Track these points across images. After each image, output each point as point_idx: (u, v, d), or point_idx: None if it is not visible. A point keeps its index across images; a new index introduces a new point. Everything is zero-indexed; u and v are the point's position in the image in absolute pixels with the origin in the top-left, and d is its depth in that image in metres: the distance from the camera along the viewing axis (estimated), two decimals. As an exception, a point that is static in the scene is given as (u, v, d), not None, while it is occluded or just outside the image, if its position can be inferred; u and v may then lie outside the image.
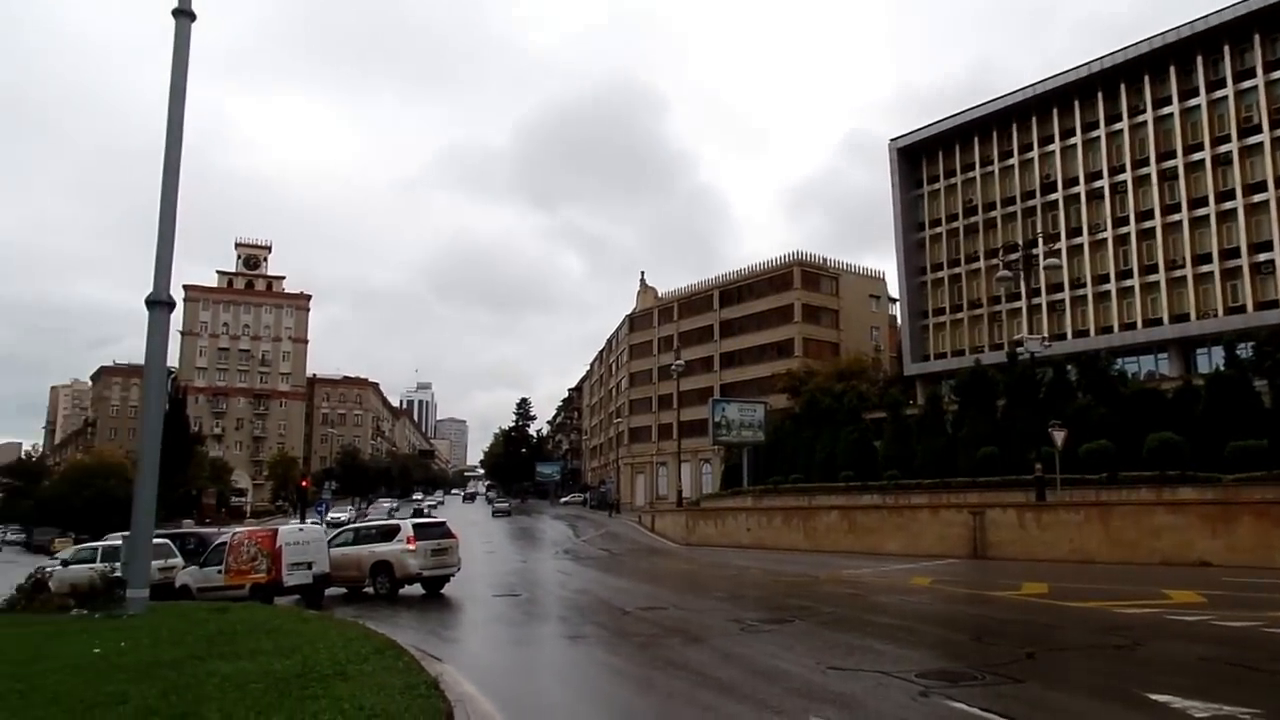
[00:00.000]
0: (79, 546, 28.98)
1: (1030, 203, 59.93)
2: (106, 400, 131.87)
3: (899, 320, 71.54)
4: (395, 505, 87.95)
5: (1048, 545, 24.48)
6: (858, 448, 43.64)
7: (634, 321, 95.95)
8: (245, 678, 8.59)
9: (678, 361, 62.95)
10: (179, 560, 23.82)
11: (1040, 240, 55.44)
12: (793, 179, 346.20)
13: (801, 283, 75.89)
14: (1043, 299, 57.09)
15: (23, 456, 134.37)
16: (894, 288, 74.17)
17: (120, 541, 22.31)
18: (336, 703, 7.43)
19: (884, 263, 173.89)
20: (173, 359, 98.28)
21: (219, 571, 20.44)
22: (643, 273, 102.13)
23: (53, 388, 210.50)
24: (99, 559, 23.21)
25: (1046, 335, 49.21)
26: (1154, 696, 7.71)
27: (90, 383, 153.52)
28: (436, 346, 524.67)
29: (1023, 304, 58.13)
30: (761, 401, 55.75)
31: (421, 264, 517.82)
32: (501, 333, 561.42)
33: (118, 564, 19.38)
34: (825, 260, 79.35)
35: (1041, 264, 32.88)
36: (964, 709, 7.55)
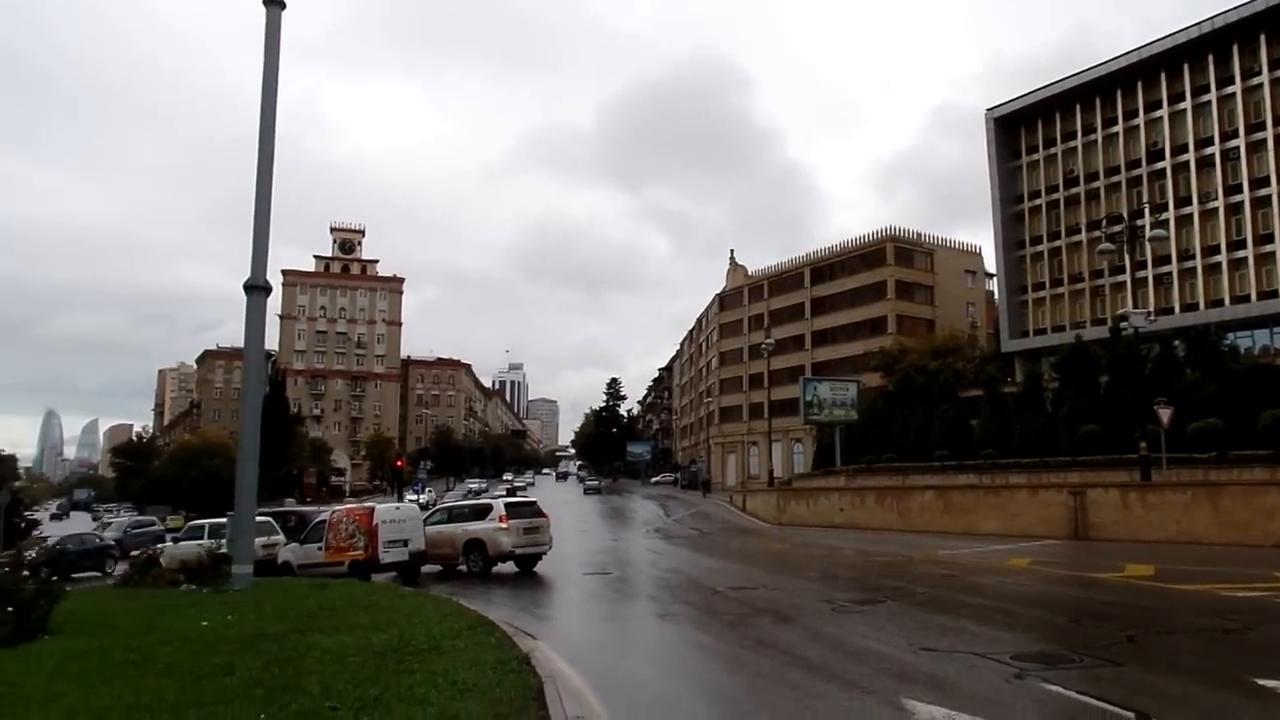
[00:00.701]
0: (191, 524, 30.51)
1: (1135, 172, 57.13)
2: (210, 383, 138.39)
3: (996, 296, 69.37)
4: (482, 486, 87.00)
5: (1153, 526, 23.48)
6: (953, 426, 42.60)
7: (724, 300, 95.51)
8: (344, 651, 8.93)
9: (768, 340, 62.38)
10: (281, 537, 24.87)
11: (1146, 210, 52.76)
12: (882, 154, 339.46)
13: (895, 259, 74.24)
14: (1148, 272, 54.47)
15: (134, 438, 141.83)
16: (991, 262, 72.01)
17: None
18: (431, 676, 7.67)
19: (979, 237, 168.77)
20: (272, 342, 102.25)
21: (319, 549, 21.26)
22: (732, 251, 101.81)
23: (160, 371, 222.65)
24: (205, 535, 24.51)
25: (1152, 310, 46.93)
26: (1262, 682, 7.35)
27: (195, 366, 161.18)
28: (526, 328, 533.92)
29: (1127, 277, 55.45)
30: (854, 380, 54.93)
31: (510, 246, 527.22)
32: (590, 313, 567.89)
33: (224, 541, 20.40)
34: (919, 235, 77.47)
35: (1147, 235, 31.25)
36: (1060, 692, 7.33)
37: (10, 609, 10.24)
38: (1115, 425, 32.68)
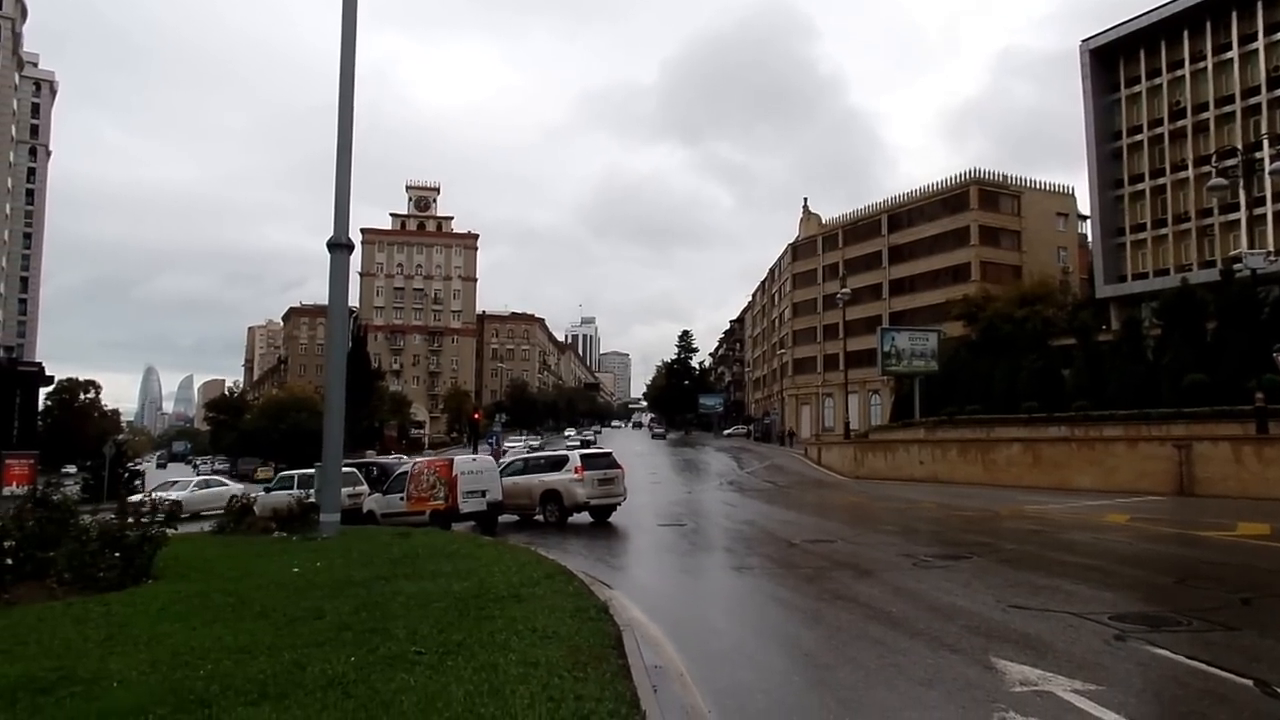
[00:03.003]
0: (281, 475, 31.82)
1: (1253, 100, 53.57)
2: (296, 339, 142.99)
3: (1090, 239, 66.67)
4: (534, 441, 77.63)
5: (1270, 482, 22.42)
6: (1042, 377, 41.28)
7: (797, 250, 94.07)
8: (428, 597, 9.19)
9: (843, 290, 61.28)
10: (365, 488, 25.74)
11: (1265, 142, 49.68)
12: (951, 101, 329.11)
13: (979, 202, 71.89)
14: (1267, 208, 51.41)
15: (226, 393, 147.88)
16: (1085, 204, 69.14)
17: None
18: (511, 623, 7.83)
19: (1068, 180, 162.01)
20: (353, 299, 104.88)
21: (401, 499, 21.94)
22: (805, 199, 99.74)
23: (249, 328, 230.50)
24: (295, 486, 25.51)
25: (1272, 249, 44.44)
26: (1395, 650, 6.96)
27: (281, 323, 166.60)
28: (597, 282, 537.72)
29: (1241, 215, 52.62)
30: (934, 330, 53.61)
31: (577, 202, 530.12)
32: (658, 267, 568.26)
33: (312, 491, 21.14)
34: (1005, 177, 74.70)
35: (1267, 168, 29.40)
36: (1167, 655, 7.06)
37: (117, 554, 10.82)
38: (1224, 375, 31.19)
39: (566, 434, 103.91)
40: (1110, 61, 61.70)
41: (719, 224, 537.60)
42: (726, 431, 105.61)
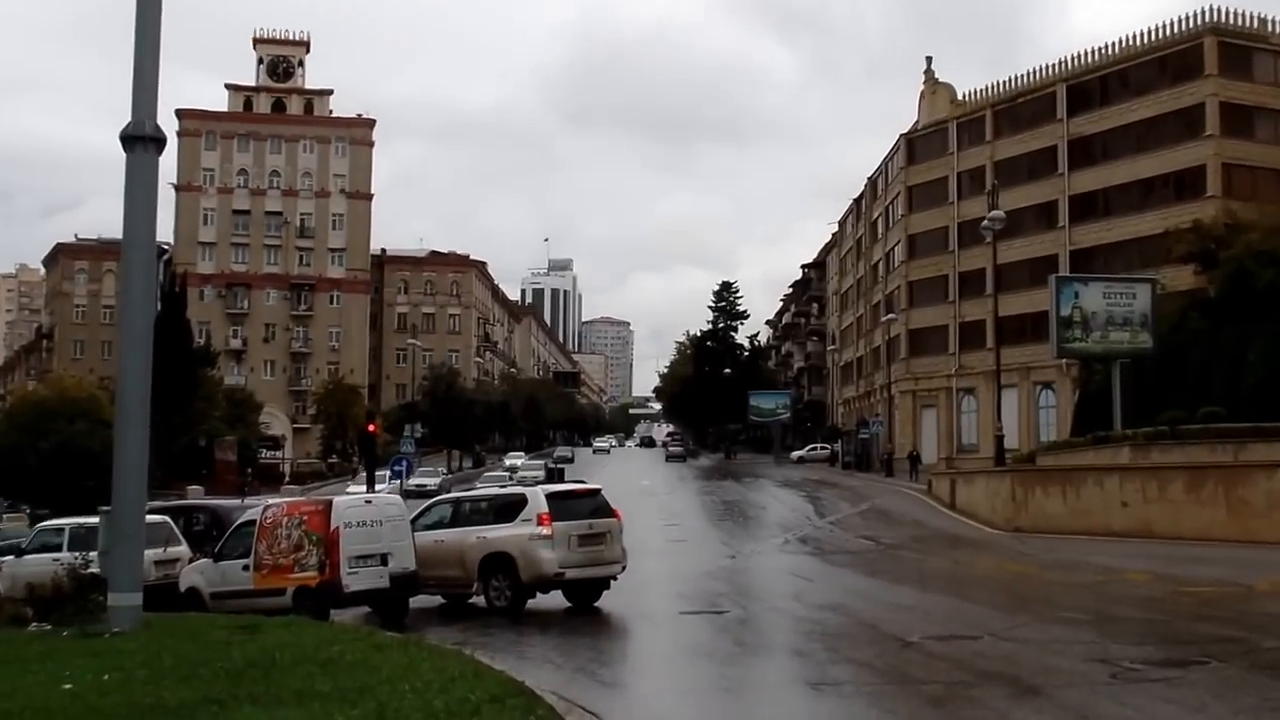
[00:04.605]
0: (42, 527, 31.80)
1: None
2: (68, 297, 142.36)
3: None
4: (429, 479, 77.05)
5: None
6: (1326, 359, 41.41)
7: (914, 145, 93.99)
8: (291, 736, 9.18)
9: (993, 213, 61.02)
10: (184, 549, 25.70)
11: None
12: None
13: (1219, 64, 71.52)
14: None
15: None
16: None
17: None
18: (432, 779, 7.82)
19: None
20: (165, 230, 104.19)
21: (245, 567, 21.89)
22: (929, 60, 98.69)
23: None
24: (65, 546, 25.43)
25: None
26: None
27: (42, 270, 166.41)
28: (573, 202, 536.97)
29: None
30: (1146, 279, 53.65)
31: (539, 71, 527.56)
32: (673, 181, 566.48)
33: (94, 554, 21.12)
34: (1263, 22, 74.21)
35: None
36: None
37: None
38: None
39: (510, 458, 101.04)
40: None
41: (776, 107, 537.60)
42: (797, 454, 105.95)
